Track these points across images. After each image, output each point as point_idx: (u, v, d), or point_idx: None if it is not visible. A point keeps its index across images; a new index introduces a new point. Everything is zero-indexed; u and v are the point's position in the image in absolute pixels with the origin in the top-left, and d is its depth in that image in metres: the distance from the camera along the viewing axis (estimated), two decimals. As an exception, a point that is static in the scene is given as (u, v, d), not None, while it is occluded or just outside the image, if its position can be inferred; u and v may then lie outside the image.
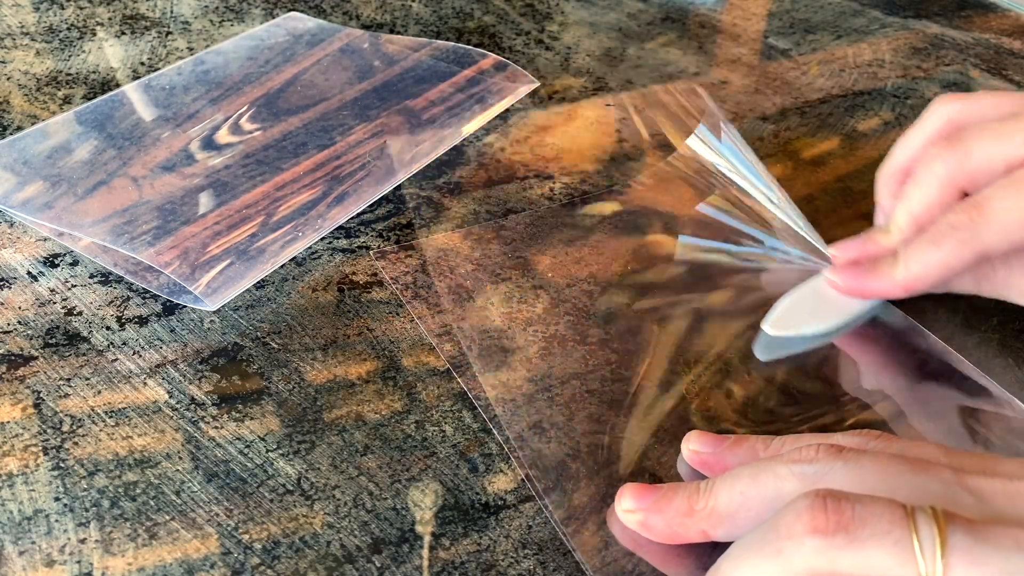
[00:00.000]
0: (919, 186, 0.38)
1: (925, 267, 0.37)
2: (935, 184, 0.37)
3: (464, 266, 0.42)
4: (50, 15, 0.61)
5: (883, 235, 0.40)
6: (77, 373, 0.37)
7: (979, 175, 0.37)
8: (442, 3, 0.65)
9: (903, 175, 0.40)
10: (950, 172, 0.37)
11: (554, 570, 0.31)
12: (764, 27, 0.65)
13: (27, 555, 0.30)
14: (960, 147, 0.37)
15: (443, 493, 0.33)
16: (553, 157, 0.50)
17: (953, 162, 0.37)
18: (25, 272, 0.41)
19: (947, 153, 0.37)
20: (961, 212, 0.36)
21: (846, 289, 0.40)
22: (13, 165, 0.46)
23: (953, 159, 0.37)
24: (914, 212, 0.38)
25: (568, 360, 0.38)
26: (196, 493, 0.33)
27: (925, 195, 0.38)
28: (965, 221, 0.36)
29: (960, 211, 0.36)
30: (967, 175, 0.37)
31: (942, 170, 0.37)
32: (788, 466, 0.29)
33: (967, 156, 0.37)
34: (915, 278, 0.37)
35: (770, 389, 0.37)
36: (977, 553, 0.24)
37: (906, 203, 0.38)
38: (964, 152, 0.37)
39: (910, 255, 0.37)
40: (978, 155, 0.37)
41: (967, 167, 0.37)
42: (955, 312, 0.41)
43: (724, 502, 0.29)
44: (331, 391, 0.37)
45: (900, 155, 0.41)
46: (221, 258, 0.41)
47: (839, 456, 0.28)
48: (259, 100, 0.52)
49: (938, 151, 0.37)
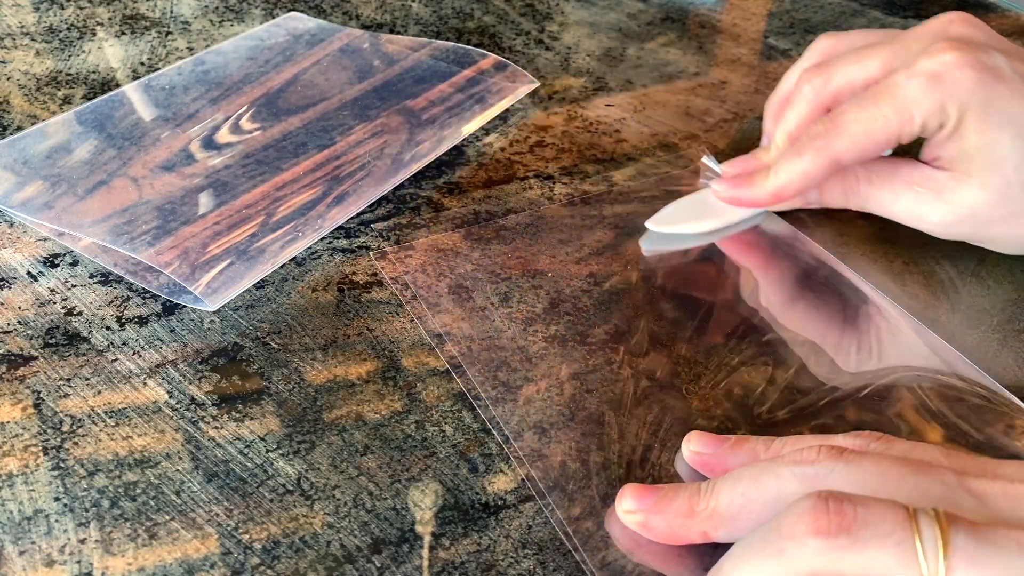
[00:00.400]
0: (792, 108, 0.43)
1: (789, 175, 0.42)
2: (804, 104, 0.43)
3: (464, 266, 0.42)
4: (50, 15, 0.61)
5: (764, 153, 0.45)
6: (77, 373, 0.37)
7: (841, 95, 0.42)
8: (442, 3, 0.65)
9: (785, 103, 0.44)
10: (816, 93, 0.42)
11: (554, 570, 0.31)
12: (764, 27, 0.65)
13: (27, 555, 0.30)
14: (825, 71, 0.42)
15: (443, 493, 0.33)
16: (553, 157, 0.50)
17: (819, 83, 0.42)
18: (25, 272, 0.41)
19: (814, 77, 0.42)
20: (819, 125, 0.41)
21: (725, 197, 0.44)
22: (13, 165, 0.46)
23: (819, 81, 0.42)
24: (789, 130, 0.43)
25: (568, 360, 0.38)
26: (196, 493, 0.33)
27: (797, 115, 0.43)
28: (821, 132, 0.41)
29: (818, 124, 0.41)
30: (831, 95, 0.42)
31: (810, 92, 0.42)
32: (790, 467, 0.29)
33: (831, 78, 0.42)
34: (781, 186, 0.42)
35: (771, 389, 0.37)
36: (979, 555, 0.24)
37: (783, 124, 0.44)
38: (828, 75, 0.42)
39: (778, 166, 0.42)
40: (840, 77, 0.42)
41: (830, 87, 0.42)
42: (955, 311, 0.41)
43: (725, 503, 0.29)
44: (331, 391, 0.37)
45: (783, 86, 0.46)
46: (221, 258, 0.41)
47: (840, 457, 0.28)
48: (259, 100, 0.52)
49: (807, 76, 0.43)
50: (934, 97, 0.39)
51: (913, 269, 0.43)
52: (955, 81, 0.39)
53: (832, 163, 0.41)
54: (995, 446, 0.35)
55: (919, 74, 0.39)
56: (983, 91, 0.39)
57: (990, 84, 0.39)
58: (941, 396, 0.37)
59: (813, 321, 0.40)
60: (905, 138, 0.40)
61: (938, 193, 0.41)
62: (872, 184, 0.43)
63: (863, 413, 0.36)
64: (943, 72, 0.39)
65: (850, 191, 0.44)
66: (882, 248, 0.44)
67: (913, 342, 0.39)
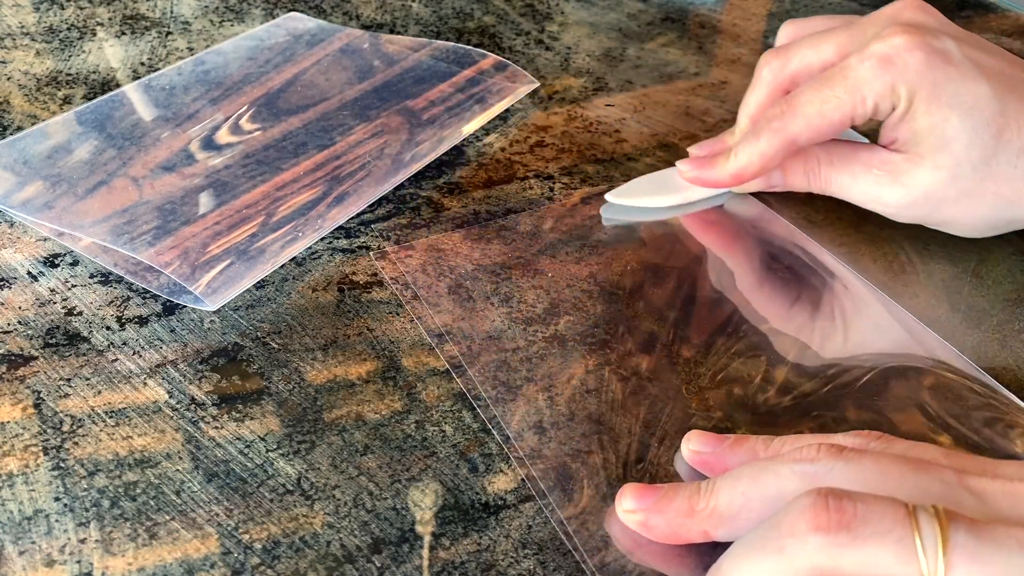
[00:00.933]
0: (752, 91, 0.45)
1: (749, 157, 0.43)
2: (764, 87, 0.44)
3: (464, 266, 0.42)
4: (50, 15, 0.61)
5: (729, 136, 0.47)
6: (77, 373, 0.37)
7: (799, 77, 0.43)
8: (442, 3, 0.65)
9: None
10: (775, 75, 0.44)
11: (554, 570, 0.31)
12: (764, 27, 0.65)
13: (27, 555, 0.30)
14: (784, 54, 0.44)
15: (443, 493, 0.33)
16: (553, 157, 0.50)
17: (777, 66, 0.44)
18: (25, 272, 0.41)
19: (773, 60, 0.44)
20: (776, 107, 0.42)
21: (689, 177, 0.45)
22: (13, 165, 0.46)
23: (777, 64, 0.44)
24: (750, 112, 0.45)
25: (568, 360, 0.38)
26: (196, 493, 0.33)
27: (757, 98, 0.44)
28: (778, 114, 0.42)
29: (775, 106, 0.42)
30: (789, 78, 0.43)
31: (768, 75, 0.44)
32: (789, 465, 0.29)
33: (788, 61, 0.43)
34: (741, 167, 0.43)
35: (771, 387, 0.37)
36: (979, 552, 0.24)
37: (744, 106, 0.45)
38: (786, 58, 0.43)
39: (739, 148, 0.43)
40: (797, 60, 0.43)
41: (788, 70, 0.43)
42: (955, 311, 0.41)
43: (725, 502, 0.29)
44: (331, 391, 0.37)
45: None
46: (221, 258, 0.41)
47: (840, 456, 0.28)
48: (259, 100, 0.52)
49: (767, 59, 0.44)
50: (885, 79, 0.40)
51: (914, 268, 0.43)
52: (905, 63, 0.40)
53: (788, 144, 0.42)
54: (994, 447, 0.35)
55: (871, 56, 0.40)
56: (932, 73, 0.40)
57: (939, 66, 0.40)
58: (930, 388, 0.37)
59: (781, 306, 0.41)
60: (858, 119, 0.41)
61: (894, 175, 0.42)
62: (833, 167, 0.44)
63: (862, 413, 0.36)
64: (894, 55, 0.40)
65: (812, 174, 0.44)
66: (882, 248, 0.44)
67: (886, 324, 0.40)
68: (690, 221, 0.46)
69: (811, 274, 0.43)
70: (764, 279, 0.43)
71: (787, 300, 0.41)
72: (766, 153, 0.42)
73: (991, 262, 0.44)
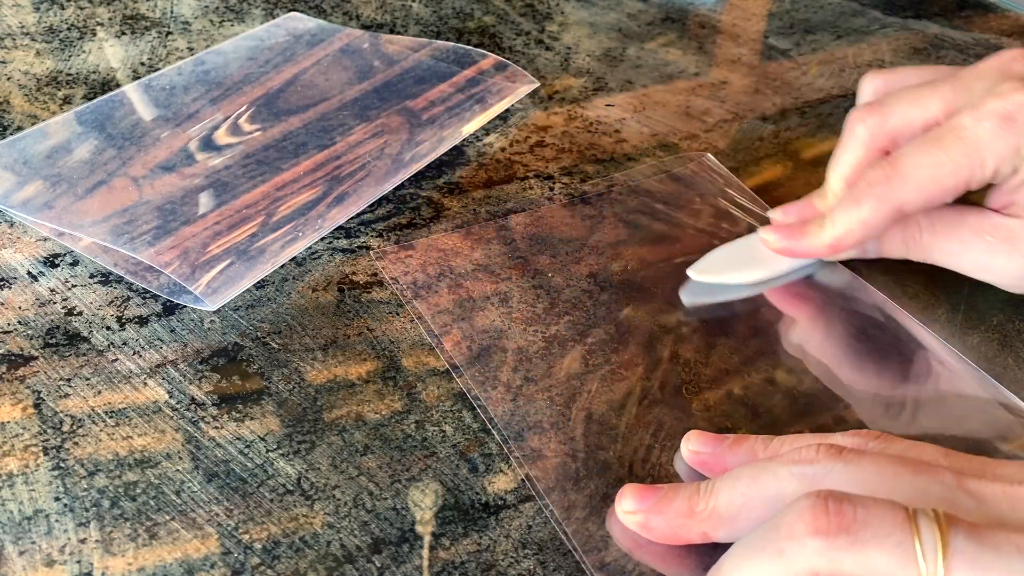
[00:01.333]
0: (845, 150, 0.40)
1: (848, 225, 0.38)
2: (859, 146, 0.40)
3: (464, 266, 0.42)
4: (50, 15, 0.61)
5: (819, 199, 0.42)
6: (77, 373, 0.37)
7: (899, 136, 0.39)
8: (442, 3, 0.65)
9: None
10: (871, 133, 0.39)
11: (554, 570, 0.31)
12: (764, 27, 0.65)
13: (27, 555, 0.30)
14: (880, 110, 0.39)
15: (443, 493, 0.33)
16: (553, 157, 0.50)
17: (873, 124, 0.39)
18: (25, 272, 0.41)
19: (868, 116, 0.40)
20: (878, 169, 0.38)
21: (777, 248, 0.41)
22: (13, 165, 0.46)
23: (873, 121, 0.39)
24: (844, 175, 0.40)
25: (568, 360, 0.38)
26: (196, 493, 0.33)
27: (852, 158, 0.40)
28: (881, 178, 0.37)
29: (877, 168, 0.38)
30: (888, 136, 0.39)
31: (864, 132, 0.40)
32: (788, 467, 0.29)
33: (886, 118, 0.39)
34: (839, 237, 0.39)
35: (771, 388, 0.37)
36: (979, 557, 0.24)
37: (836, 168, 0.41)
38: (884, 115, 0.39)
39: (835, 215, 0.39)
40: (896, 117, 0.39)
41: (887, 128, 0.39)
42: (955, 312, 0.41)
43: (725, 503, 0.29)
44: (331, 391, 0.37)
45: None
46: (221, 258, 0.41)
47: (839, 457, 0.28)
48: (259, 100, 0.52)
49: (860, 115, 0.40)
50: (1007, 140, 0.36)
51: (913, 268, 0.43)
52: None
53: (895, 211, 0.38)
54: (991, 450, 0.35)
55: (990, 115, 0.36)
56: None
57: None
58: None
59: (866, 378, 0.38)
60: (975, 184, 0.37)
61: (1011, 243, 0.38)
62: (937, 234, 0.40)
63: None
64: (1016, 113, 0.36)
65: (911, 241, 0.40)
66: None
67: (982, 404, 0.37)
68: (775, 295, 0.42)
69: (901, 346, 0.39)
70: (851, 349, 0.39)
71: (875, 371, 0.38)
72: (869, 221, 0.38)
73: (991, 262, 0.44)
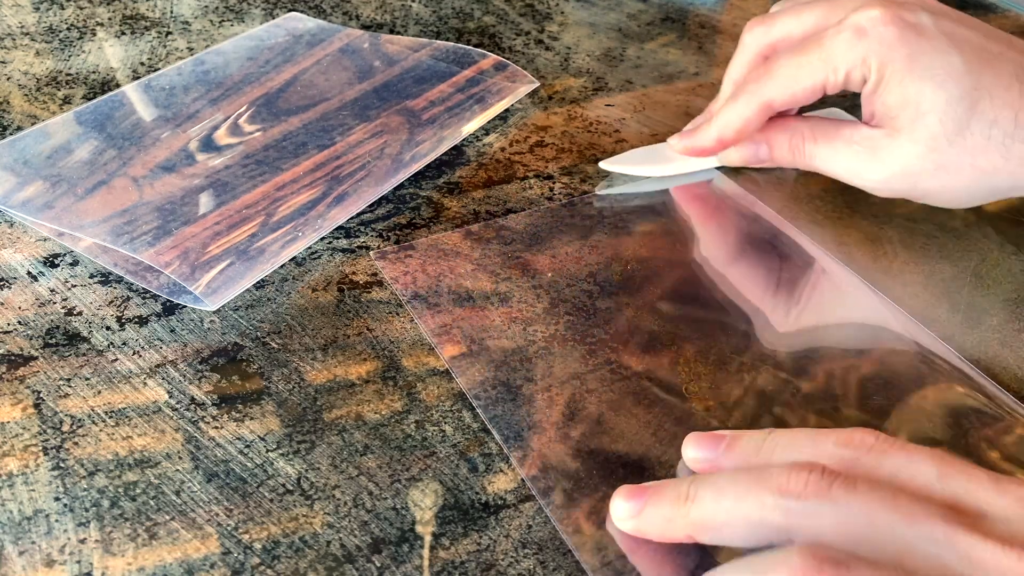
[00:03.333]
0: (736, 57, 0.47)
1: (728, 121, 0.45)
2: (747, 53, 0.46)
3: (464, 266, 0.42)
4: (50, 15, 0.61)
5: (714, 104, 0.48)
6: (77, 373, 0.37)
7: (780, 45, 0.45)
8: (442, 3, 0.65)
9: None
10: (757, 42, 0.46)
11: (554, 570, 0.31)
12: (764, 27, 0.65)
13: (27, 555, 0.30)
14: (767, 22, 0.46)
15: (443, 493, 0.33)
16: (553, 157, 0.50)
17: (759, 34, 0.46)
18: (25, 272, 0.41)
19: (756, 27, 0.46)
20: (754, 71, 0.45)
21: (678, 148, 0.47)
22: (13, 165, 0.46)
23: (759, 31, 0.46)
24: (733, 78, 0.47)
25: (568, 360, 0.38)
26: (196, 493, 0.33)
27: (739, 63, 0.46)
28: (755, 78, 0.44)
29: (754, 71, 0.45)
30: (770, 45, 0.45)
31: (751, 41, 0.46)
32: (775, 496, 0.28)
33: (771, 29, 0.45)
34: (721, 132, 0.45)
35: (771, 389, 0.37)
36: None
37: (728, 72, 0.47)
38: (769, 26, 0.45)
39: (719, 113, 0.45)
40: (779, 28, 0.45)
41: (769, 38, 0.45)
42: (955, 311, 0.41)
43: (710, 515, 0.29)
44: (331, 391, 0.37)
45: None
46: (221, 258, 0.41)
47: (827, 495, 0.28)
48: (259, 100, 0.52)
49: (750, 27, 0.46)
50: (857, 50, 0.41)
51: (913, 268, 0.43)
52: (878, 36, 0.41)
53: (764, 106, 0.44)
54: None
55: (846, 28, 0.42)
56: (904, 46, 0.41)
57: (912, 40, 0.41)
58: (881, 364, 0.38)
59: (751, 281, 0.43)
60: (830, 88, 0.43)
61: (873, 150, 0.43)
62: (816, 143, 0.45)
63: (862, 414, 0.36)
64: (868, 27, 0.41)
65: (796, 149, 0.45)
66: (882, 248, 0.44)
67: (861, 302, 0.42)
68: (679, 193, 0.48)
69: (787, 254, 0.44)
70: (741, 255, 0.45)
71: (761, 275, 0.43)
72: (743, 115, 0.44)
73: (991, 262, 0.44)
